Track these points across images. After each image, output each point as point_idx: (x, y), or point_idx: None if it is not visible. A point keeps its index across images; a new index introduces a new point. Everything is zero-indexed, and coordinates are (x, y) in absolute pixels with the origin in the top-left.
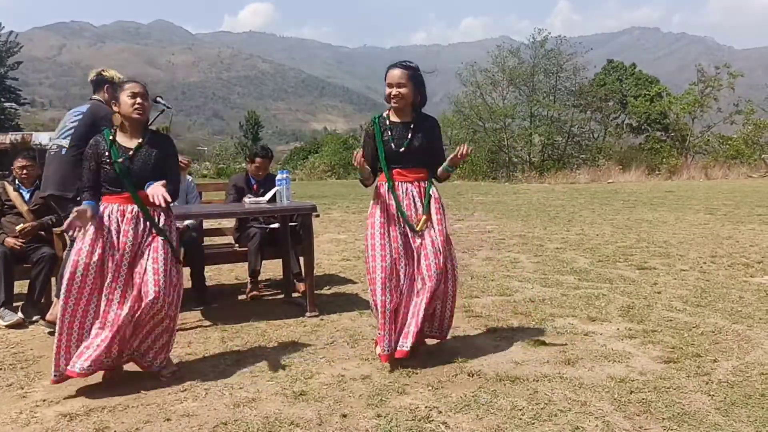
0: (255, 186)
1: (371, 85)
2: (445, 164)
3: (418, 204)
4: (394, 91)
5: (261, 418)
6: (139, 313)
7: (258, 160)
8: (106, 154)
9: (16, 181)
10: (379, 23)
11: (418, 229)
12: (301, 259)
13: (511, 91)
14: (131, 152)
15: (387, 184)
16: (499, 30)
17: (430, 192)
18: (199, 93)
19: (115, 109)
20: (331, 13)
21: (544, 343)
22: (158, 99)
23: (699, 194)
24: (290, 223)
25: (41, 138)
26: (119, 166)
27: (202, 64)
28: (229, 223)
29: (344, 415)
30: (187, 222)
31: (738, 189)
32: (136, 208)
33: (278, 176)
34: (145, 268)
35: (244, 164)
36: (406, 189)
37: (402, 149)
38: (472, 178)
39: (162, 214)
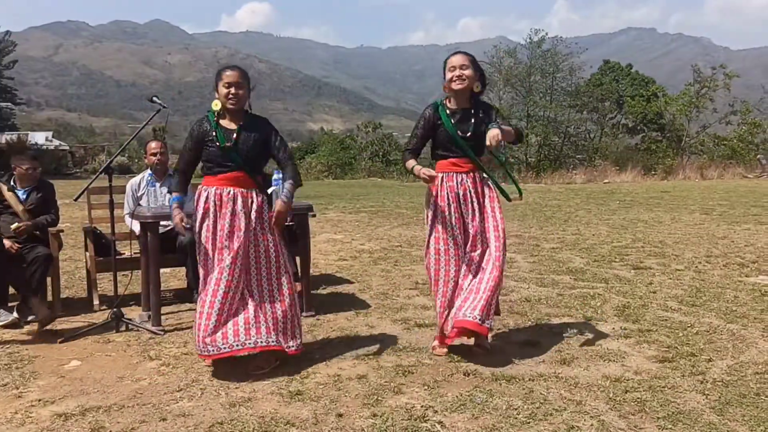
0: None
1: (369, 86)
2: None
3: (472, 195)
4: (458, 72)
5: (257, 418)
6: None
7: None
8: (213, 134)
9: (11, 181)
10: (377, 23)
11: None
12: (298, 259)
13: (508, 91)
14: (234, 134)
15: (447, 174)
16: (497, 30)
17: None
18: (196, 93)
19: (216, 96)
20: (328, 13)
21: (539, 343)
22: (154, 99)
23: (695, 194)
24: (286, 223)
25: (37, 138)
26: (221, 135)
27: (198, 64)
28: None
29: (340, 415)
30: None
31: (733, 189)
32: (233, 190)
33: (274, 176)
34: (267, 255)
35: None
36: (462, 179)
37: (468, 134)
38: None
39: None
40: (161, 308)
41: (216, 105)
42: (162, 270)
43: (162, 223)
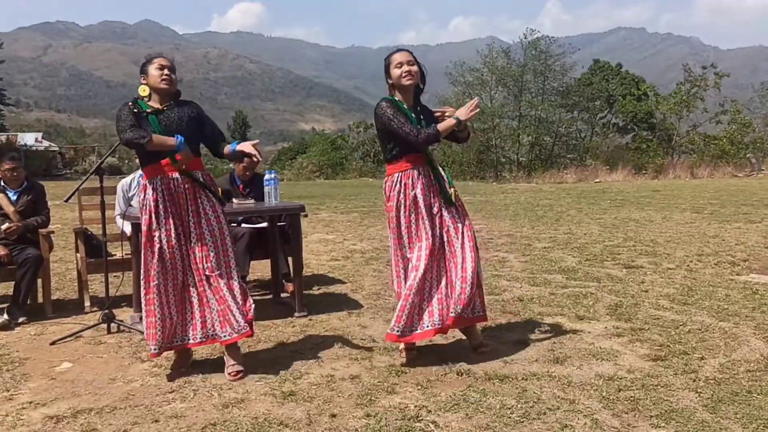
0: (240, 186)
1: (359, 85)
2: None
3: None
4: (406, 68)
5: (250, 419)
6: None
7: (247, 160)
8: (136, 111)
9: (2, 183)
10: (370, 23)
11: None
12: (290, 259)
13: (500, 90)
14: (163, 108)
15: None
16: (488, 30)
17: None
18: (187, 93)
19: (143, 81)
20: (320, 13)
21: (532, 342)
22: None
23: (685, 193)
24: (278, 223)
25: (26, 139)
26: (153, 119)
27: (189, 65)
28: None
29: (333, 415)
30: None
31: (723, 188)
32: (178, 176)
33: (266, 176)
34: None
35: (231, 164)
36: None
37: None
38: (460, 178)
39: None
40: None
41: (144, 90)
42: None
43: None
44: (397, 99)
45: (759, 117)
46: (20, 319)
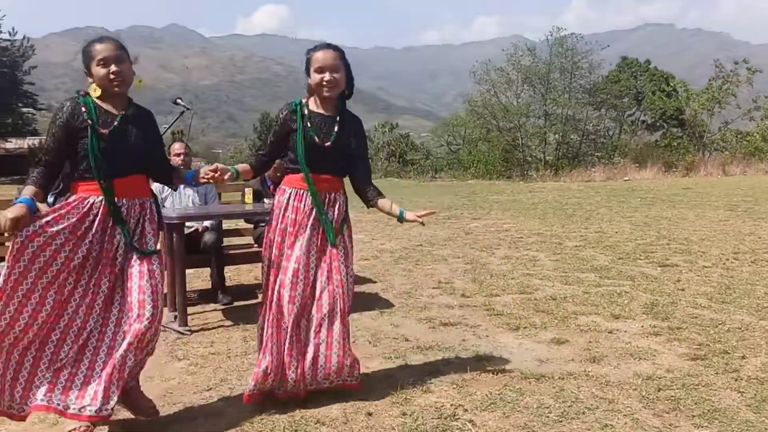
0: (272, 187)
1: (383, 86)
2: (400, 211)
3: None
4: (328, 76)
5: (287, 417)
6: (124, 343)
7: (277, 161)
8: (88, 121)
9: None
10: (393, 24)
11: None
12: None
13: (526, 89)
14: (116, 123)
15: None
16: (513, 28)
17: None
18: (213, 96)
19: (89, 80)
20: (344, 14)
21: (567, 341)
22: (178, 101)
23: (717, 191)
24: None
25: None
26: (93, 140)
27: (215, 67)
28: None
29: (369, 414)
30: (206, 223)
31: (757, 185)
32: (98, 199)
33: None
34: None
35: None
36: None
37: (327, 144)
38: (486, 177)
39: (145, 208)
40: (187, 308)
41: (95, 91)
42: (186, 271)
43: (186, 224)
44: (305, 104)
45: None
46: None
